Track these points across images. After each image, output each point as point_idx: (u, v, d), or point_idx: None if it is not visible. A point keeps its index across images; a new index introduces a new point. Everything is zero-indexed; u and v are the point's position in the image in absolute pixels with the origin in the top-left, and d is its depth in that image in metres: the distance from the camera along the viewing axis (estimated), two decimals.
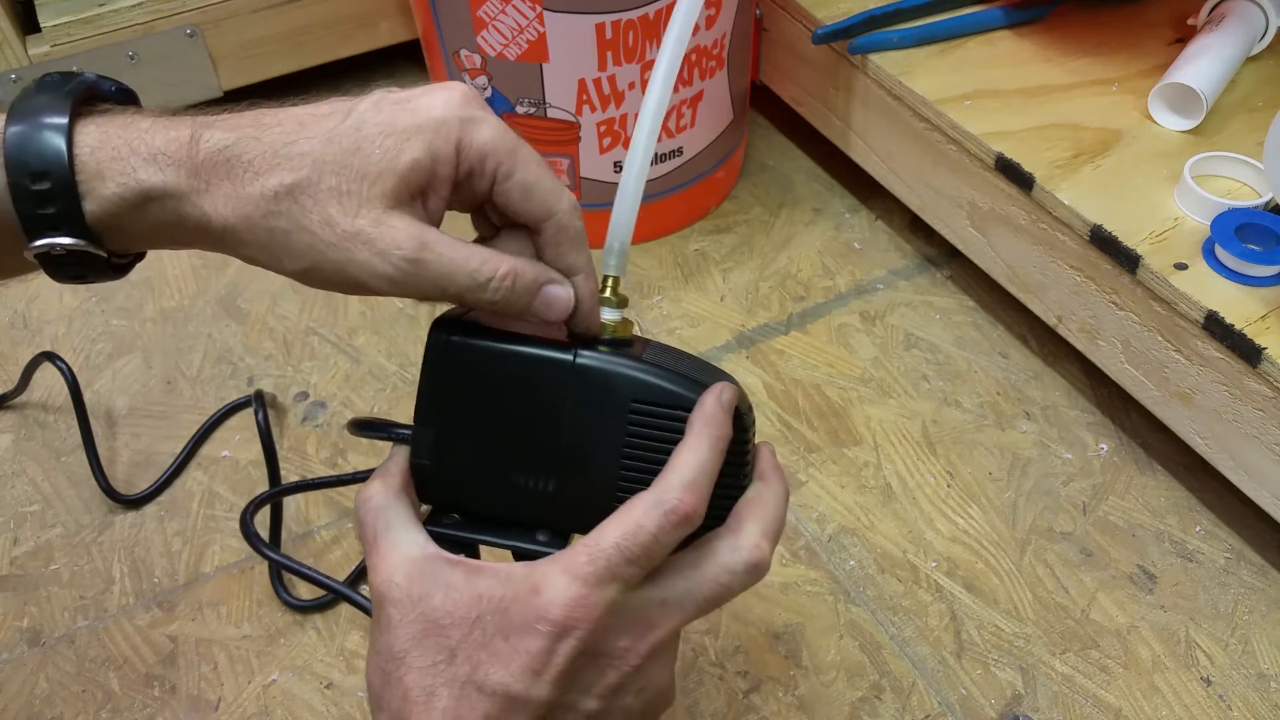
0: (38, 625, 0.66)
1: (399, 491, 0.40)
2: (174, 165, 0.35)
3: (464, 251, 0.37)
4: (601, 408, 0.39)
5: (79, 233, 0.35)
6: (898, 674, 0.63)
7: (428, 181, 0.37)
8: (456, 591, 0.37)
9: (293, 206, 0.35)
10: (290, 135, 0.36)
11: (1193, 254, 0.66)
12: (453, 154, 0.36)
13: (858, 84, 0.86)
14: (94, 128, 0.36)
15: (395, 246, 0.36)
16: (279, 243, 0.36)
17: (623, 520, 0.37)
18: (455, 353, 0.39)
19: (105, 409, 0.78)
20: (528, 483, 0.40)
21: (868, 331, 0.83)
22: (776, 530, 0.40)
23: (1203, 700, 0.62)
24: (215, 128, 0.36)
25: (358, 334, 0.84)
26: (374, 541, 0.39)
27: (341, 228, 0.35)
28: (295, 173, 0.35)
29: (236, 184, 0.35)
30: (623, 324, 0.42)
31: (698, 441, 0.38)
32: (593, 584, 0.36)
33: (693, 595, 0.39)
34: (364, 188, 0.35)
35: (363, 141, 0.36)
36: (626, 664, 0.37)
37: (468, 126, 0.37)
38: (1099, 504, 0.71)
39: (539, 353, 0.39)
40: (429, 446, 0.40)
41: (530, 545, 0.41)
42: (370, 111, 0.36)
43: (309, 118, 0.37)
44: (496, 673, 0.36)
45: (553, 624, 0.35)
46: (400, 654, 0.37)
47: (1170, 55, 0.79)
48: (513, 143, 0.37)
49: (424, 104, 0.37)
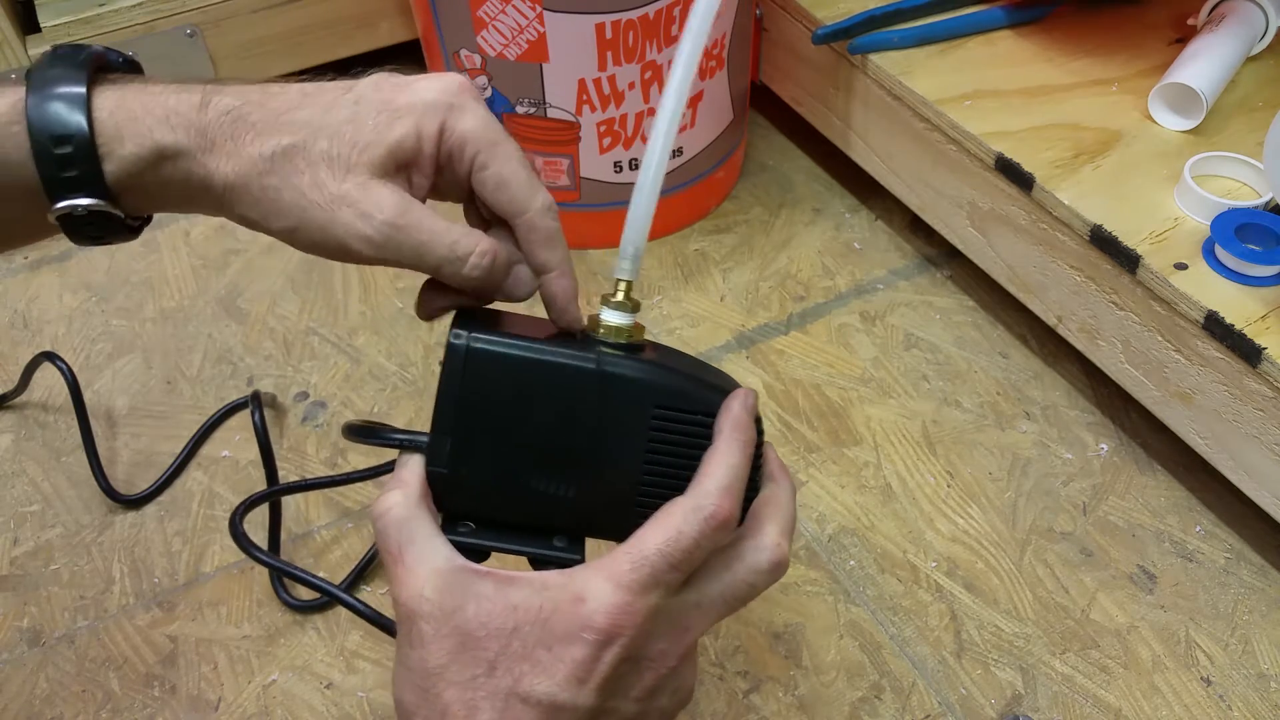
0: (38, 625, 0.66)
1: (419, 502, 0.39)
2: (185, 126, 0.37)
3: (444, 225, 0.39)
4: (624, 413, 0.39)
5: (100, 193, 0.37)
6: (898, 674, 0.63)
7: (412, 159, 0.38)
8: (489, 602, 0.36)
9: (286, 166, 0.37)
10: (293, 103, 0.38)
11: (1193, 254, 0.66)
12: (435, 135, 0.38)
13: (858, 84, 0.86)
14: (110, 93, 0.37)
15: (377, 209, 0.37)
16: (270, 199, 0.38)
17: (664, 527, 0.37)
18: (474, 359, 0.39)
19: (105, 409, 0.78)
20: (547, 489, 0.40)
21: (868, 331, 0.83)
22: (792, 528, 0.41)
23: (1203, 700, 0.62)
24: (224, 93, 0.38)
25: (358, 334, 0.84)
26: (399, 555, 0.38)
27: (329, 189, 0.37)
28: (292, 136, 0.37)
29: (239, 143, 0.37)
30: (635, 328, 0.42)
31: (729, 446, 0.39)
32: (637, 591, 0.36)
33: (724, 597, 0.39)
34: (353, 154, 0.37)
35: (359, 114, 0.38)
36: (664, 666, 0.38)
37: (454, 112, 0.39)
38: (1099, 504, 0.71)
39: (561, 360, 0.39)
40: (446, 454, 0.40)
41: (548, 551, 0.41)
42: (369, 89, 0.39)
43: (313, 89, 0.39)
44: (541, 683, 0.36)
45: (598, 632, 0.35)
46: (437, 669, 0.36)
47: (1170, 55, 0.79)
48: (495, 135, 0.39)
49: (420, 87, 0.39)
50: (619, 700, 0.37)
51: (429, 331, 0.84)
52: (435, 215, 0.39)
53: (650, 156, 0.41)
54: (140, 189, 0.38)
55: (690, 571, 0.38)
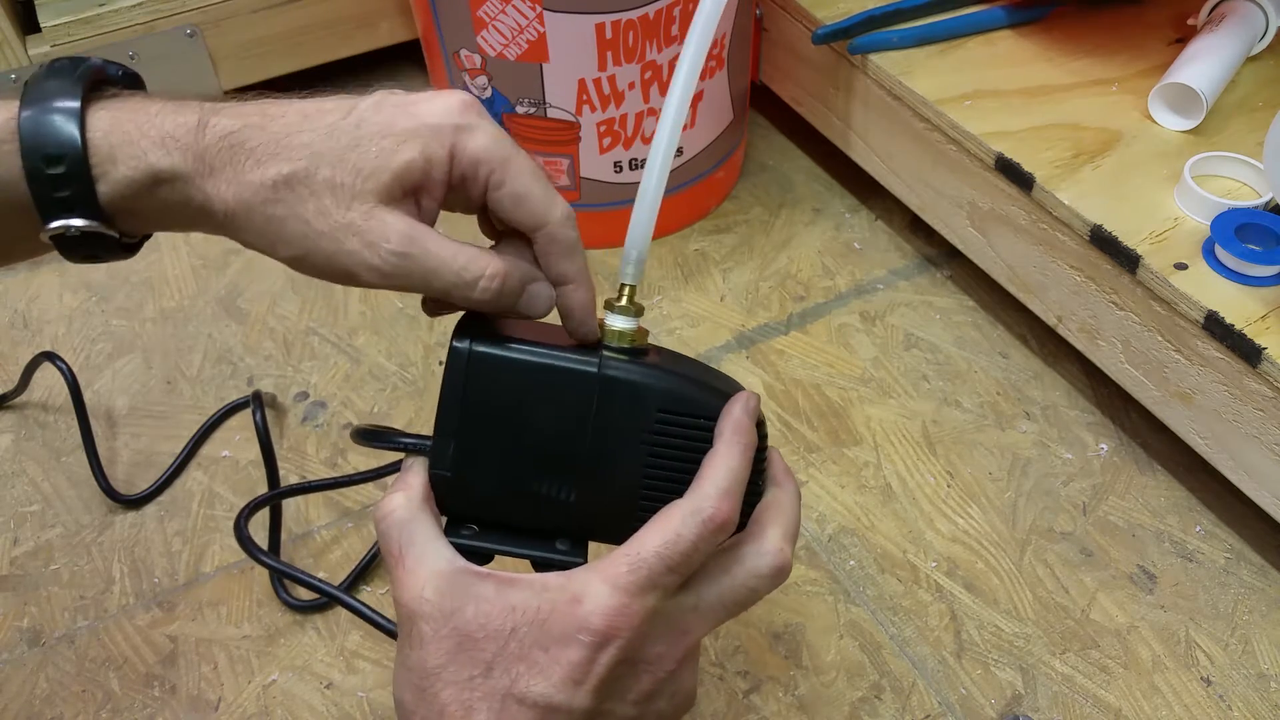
0: (38, 625, 0.66)
1: (421, 504, 0.39)
2: (181, 150, 0.36)
3: (451, 249, 0.38)
4: (626, 417, 0.39)
5: (93, 214, 0.36)
6: (898, 674, 0.63)
7: (421, 182, 0.37)
8: (489, 604, 0.37)
9: (289, 195, 0.36)
10: (293, 127, 0.37)
11: (1193, 254, 0.66)
12: (446, 159, 0.37)
13: (858, 84, 0.86)
14: (105, 112, 0.36)
15: (384, 239, 0.37)
16: (274, 229, 0.37)
17: (662, 529, 0.37)
18: (477, 363, 0.39)
19: (105, 409, 0.78)
20: (549, 492, 0.40)
21: (868, 331, 0.83)
22: (795, 532, 0.41)
23: (1203, 700, 0.62)
24: (222, 114, 0.37)
25: (358, 334, 0.84)
26: (400, 557, 0.38)
27: (334, 218, 0.36)
28: (294, 163, 0.36)
29: (239, 170, 0.36)
30: (639, 332, 0.42)
31: (729, 450, 0.39)
32: (634, 593, 0.36)
33: (724, 600, 0.39)
34: (358, 182, 0.36)
35: (361, 139, 0.37)
36: (662, 669, 0.38)
37: (462, 134, 0.37)
38: (1099, 504, 0.71)
39: (563, 364, 0.39)
40: (449, 457, 0.40)
41: (550, 555, 0.41)
42: (370, 111, 0.37)
43: (313, 111, 0.38)
44: (537, 684, 0.36)
45: (594, 633, 0.36)
46: (435, 670, 0.36)
47: (1170, 55, 0.79)
48: (507, 151, 0.38)
49: (423, 109, 0.37)
50: (615, 703, 0.37)
51: (429, 331, 0.84)
52: (443, 239, 0.38)
53: (653, 162, 0.41)
54: (136, 211, 0.37)
55: (688, 574, 0.38)
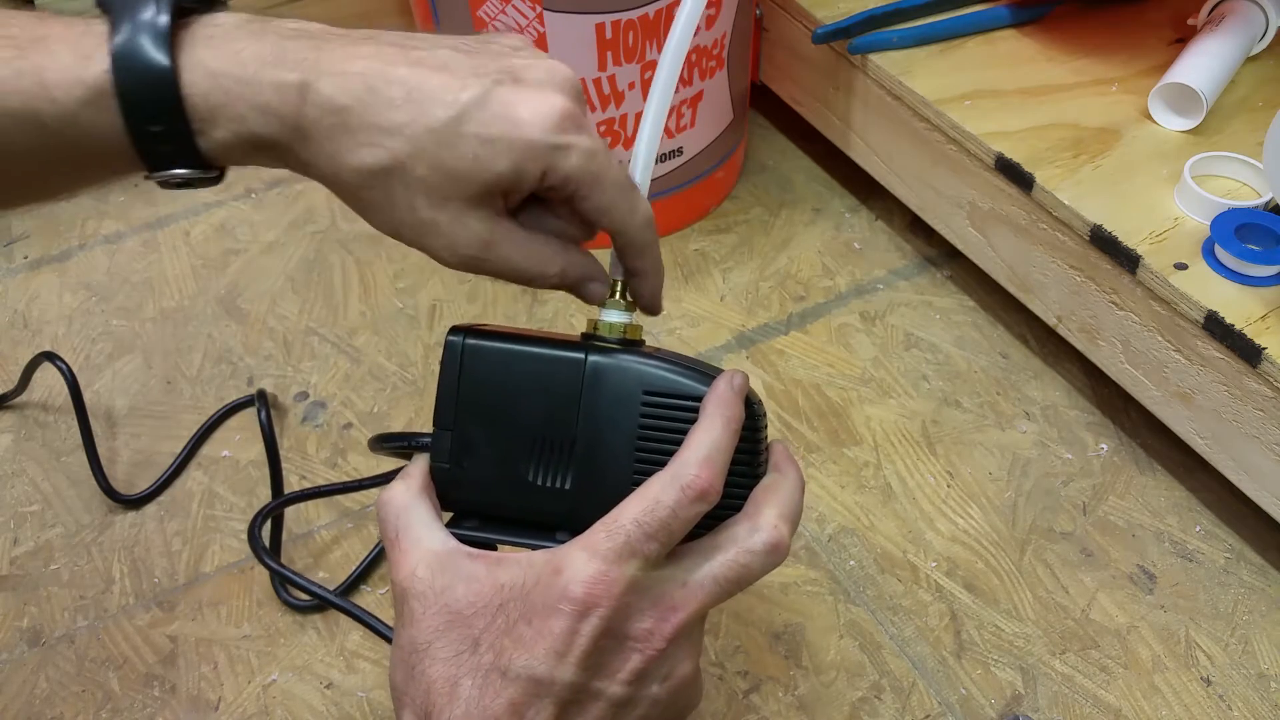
0: (38, 625, 0.66)
1: (420, 492, 0.41)
2: (280, 120, 0.36)
3: (522, 252, 0.40)
4: (614, 402, 0.40)
5: (193, 164, 0.37)
6: (898, 674, 0.63)
7: (509, 190, 0.39)
8: (478, 583, 0.37)
9: (383, 185, 0.38)
10: (396, 104, 0.37)
11: (1193, 254, 0.66)
12: (538, 176, 0.38)
13: (858, 84, 0.86)
14: (199, 61, 0.36)
15: (465, 244, 0.39)
16: (365, 207, 0.39)
17: (640, 497, 0.37)
18: (469, 356, 0.41)
19: (105, 409, 0.78)
20: (545, 481, 0.41)
21: (868, 331, 0.83)
22: (794, 515, 0.41)
23: (1203, 700, 0.62)
24: (324, 78, 0.36)
25: (358, 334, 0.84)
26: (395, 539, 0.40)
27: (421, 214, 0.38)
28: (393, 153, 0.37)
29: (338, 146, 0.37)
30: (633, 327, 0.43)
31: (711, 422, 0.39)
32: (612, 560, 0.36)
33: (714, 576, 0.39)
34: (449, 185, 0.38)
35: (460, 138, 0.37)
36: (651, 647, 0.38)
37: (558, 154, 0.38)
38: (1099, 504, 0.71)
39: (551, 352, 0.41)
40: (447, 450, 0.41)
41: (550, 545, 0.41)
42: (475, 107, 0.37)
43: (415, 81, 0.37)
44: (520, 657, 0.36)
45: (574, 602, 0.36)
46: (424, 646, 0.37)
47: (1170, 55, 0.79)
48: (598, 169, 0.39)
49: (525, 115, 0.37)
50: (605, 681, 0.37)
51: (429, 331, 0.84)
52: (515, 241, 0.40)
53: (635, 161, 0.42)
54: (234, 160, 0.38)
55: (670, 544, 0.38)
